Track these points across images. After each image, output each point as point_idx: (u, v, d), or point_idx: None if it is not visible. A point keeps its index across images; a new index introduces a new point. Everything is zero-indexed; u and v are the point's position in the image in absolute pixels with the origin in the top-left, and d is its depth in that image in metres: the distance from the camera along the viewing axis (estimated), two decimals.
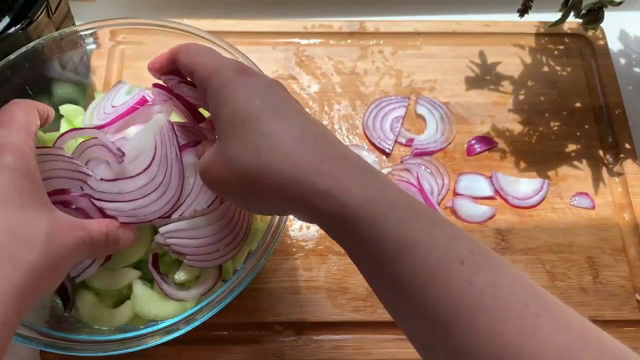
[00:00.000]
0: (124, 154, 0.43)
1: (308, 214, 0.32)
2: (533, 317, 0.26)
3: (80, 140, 0.44)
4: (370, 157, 0.58)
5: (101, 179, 0.41)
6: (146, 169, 0.42)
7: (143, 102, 0.47)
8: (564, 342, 0.26)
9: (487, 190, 0.57)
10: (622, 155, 0.60)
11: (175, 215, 0.43)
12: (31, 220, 0.33)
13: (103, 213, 0.41)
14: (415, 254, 0.28)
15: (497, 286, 0.27)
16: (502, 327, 0.26)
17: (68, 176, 0.41)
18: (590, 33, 0.66)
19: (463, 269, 0.28)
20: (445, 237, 0.29)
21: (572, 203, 0.57)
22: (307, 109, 0.60)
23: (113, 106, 0.49)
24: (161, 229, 0.42)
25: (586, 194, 0.58)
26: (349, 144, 0.59)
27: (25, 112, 0.38)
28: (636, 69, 0.68)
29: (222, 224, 0.44)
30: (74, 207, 0.41)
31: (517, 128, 0.61)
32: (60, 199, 0.41)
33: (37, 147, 0.38)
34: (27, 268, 0.32)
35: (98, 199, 0.41)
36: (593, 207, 0.57)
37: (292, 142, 0.32)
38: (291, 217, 0.55)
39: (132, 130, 0.47)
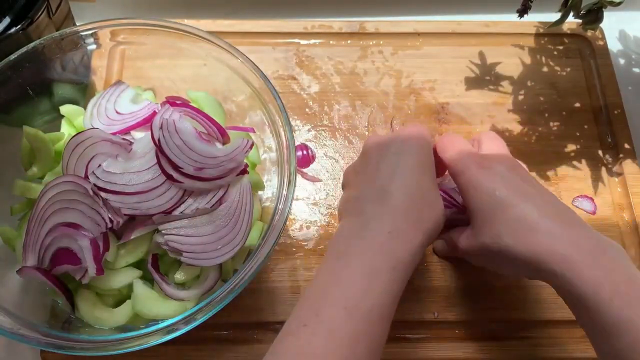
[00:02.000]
0: (131, 142, 0.44)
1: (553, 287, 0.40)
2: None
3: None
4: None
5: (107, 171, 0.42)
6: (153, 165, 0.43)
7: (154, 115, 0.47)
8: None
9: None
10: (621, 156, 0.60)
11: (176, 213, 0.43)
12: (432, 189, 0.44)
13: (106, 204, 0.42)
14: (632, 332, 0.34)
15: None
16: None
17: (86, 212, 0.43)
18: (589, 33, 0.66)
19: None
20: None
21: (574, 204, 0.57)
22: (306, 109, 0.61)
23: (118, 112, 0.49)
24: (161, 226, 0.43)
25: (591, 198, 0.58)
26: (349, 143, 0.59)
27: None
28: (636, 69, 0.68)
29: (221, 223, 0.44)
30: (67, 246, 0.42)
31: (517, 128, 0.61)
32: (66, 231, 0.42)
33: (69, 175, 0.42)
34: (426, 234, 0.41)
35: (103, 189, 0.42)
36: (594, 213, 0.57)
37: (527, 229, 0.39)
38: (291, 217, 0.55)
39: (137, 135, 0.47)
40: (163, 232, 0.43)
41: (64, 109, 0.51)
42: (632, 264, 0.38)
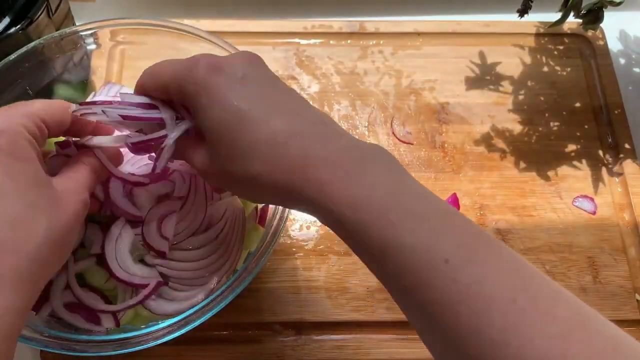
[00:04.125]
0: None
1: (310, 214, 0.33)
2: (519, 313, 0.26)
3: None
4: None
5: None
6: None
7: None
8: (548, 336, 0.25)
9: None
10: (622, 155, 0.60)
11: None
12: (30, 207, 0.32)
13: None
14: (399, 256, 0.28)
15: (483, 282, 0.27)
16: (486, 324, 0.26)
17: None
18: (590, 33, 0.66)
19: (447, 267, 0.27)
20: (431, 235, 0.28)
21: (575, 204, 0.57)
22: None
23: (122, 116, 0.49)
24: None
25: (591, 198, 0.57)
26: None
27: (42, 103, 0.36)
28: (636, 69, 0.68)
29: (210, 249, 0.44)
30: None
31: (517, 128, 0.61)
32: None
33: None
34: (30, 257, 0.31)
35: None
36: (594, 213, 0.57)
37: (276, 148, 0.31)
38: (291, 217, 0.55)
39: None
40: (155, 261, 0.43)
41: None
42: (398, 172, 0.32)
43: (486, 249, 0.28)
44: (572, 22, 0.61)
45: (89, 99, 0.51)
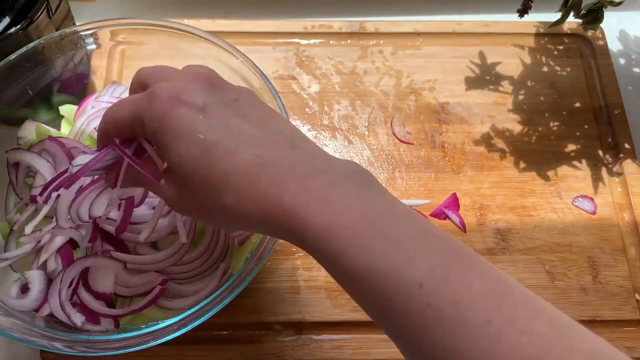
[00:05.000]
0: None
1: (289, 242, 0.32)
2: (494, 335, 0.26)
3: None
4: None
5: None
6: None
7: None
8: (526, 357, 0.25)
9: None
10: (621, 155, 0.60)
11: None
12: None
13: None
14: (374, 280, 0.28)
15: (457, 304, 0.27)
16: (463, 348, 0.26)
17: None
18: (590, 33, 0.66)
19: (421, 292, 0.27)
20: (405, 259, 0.28)
21: (574, 204, 0.57)
22: (306, 109, 0.61)
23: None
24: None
25: (591, 198, 0.57)
26: (349, 143, 0.59)
27: None
28: (636, 69, 0.68)
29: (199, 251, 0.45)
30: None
31: (517, 128, 0.61)
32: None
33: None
34: None
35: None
36: (594, 213, 0.57)
37: (248, 179, 0.30)
38: None
39: None
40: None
41: (64, 109, 0.51)
42: (372, 190, 0.31)
43: (461, 268, 0.28)
44: (572, 22, 0.61)
45: (91, 99, 0.51)
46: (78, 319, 0.42)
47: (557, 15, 0.58)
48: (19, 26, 0.50)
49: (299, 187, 0.30)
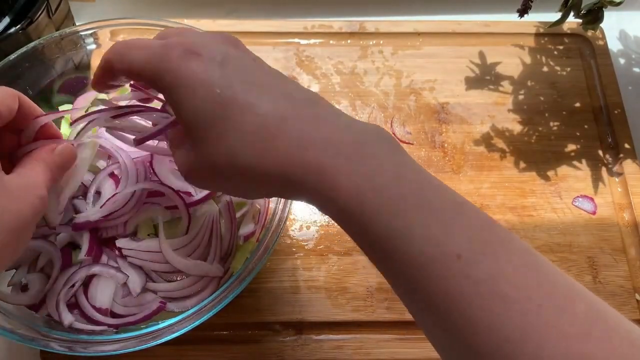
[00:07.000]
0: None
1: (310, 203, 0.30)
2: (536, 311, 0.25)
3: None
4: None
5: None
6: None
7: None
8: (567, 336, 0.25)
9: None
10: (621, 155, 0.60)
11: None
12: None
13: None
14: (407, 247, 0.27)
15: (497, 278, 0.26)
16: (502, 322, 0.25)
17: None
18: (590, 33, 0.66)
19: (459, 263, 0.26)
20: (442, 227, 0.27)
21: (574, 204, 0.57)
22: None
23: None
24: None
25: (591, 198, 0.57)
26: None
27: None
28: (636, 69, 0.68)
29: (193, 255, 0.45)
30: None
31: (517, 128, 0.61)
32: None
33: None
34: None
35: None
36: (594, 213, 0.57)
37: (268, 135, 0.28)
38: (291, 217, 0.55)
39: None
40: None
41: (64, 109, 0.51)
42: (401, 154, 0.29)
43: (499, 242, 0.27)
44: (572, 22, 0.61)
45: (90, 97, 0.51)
46: (67, 319, 0.42)
47: (557, 15, 0.59)
48: (19, 26, 0.50)
49: (325, 142, 0.28)
